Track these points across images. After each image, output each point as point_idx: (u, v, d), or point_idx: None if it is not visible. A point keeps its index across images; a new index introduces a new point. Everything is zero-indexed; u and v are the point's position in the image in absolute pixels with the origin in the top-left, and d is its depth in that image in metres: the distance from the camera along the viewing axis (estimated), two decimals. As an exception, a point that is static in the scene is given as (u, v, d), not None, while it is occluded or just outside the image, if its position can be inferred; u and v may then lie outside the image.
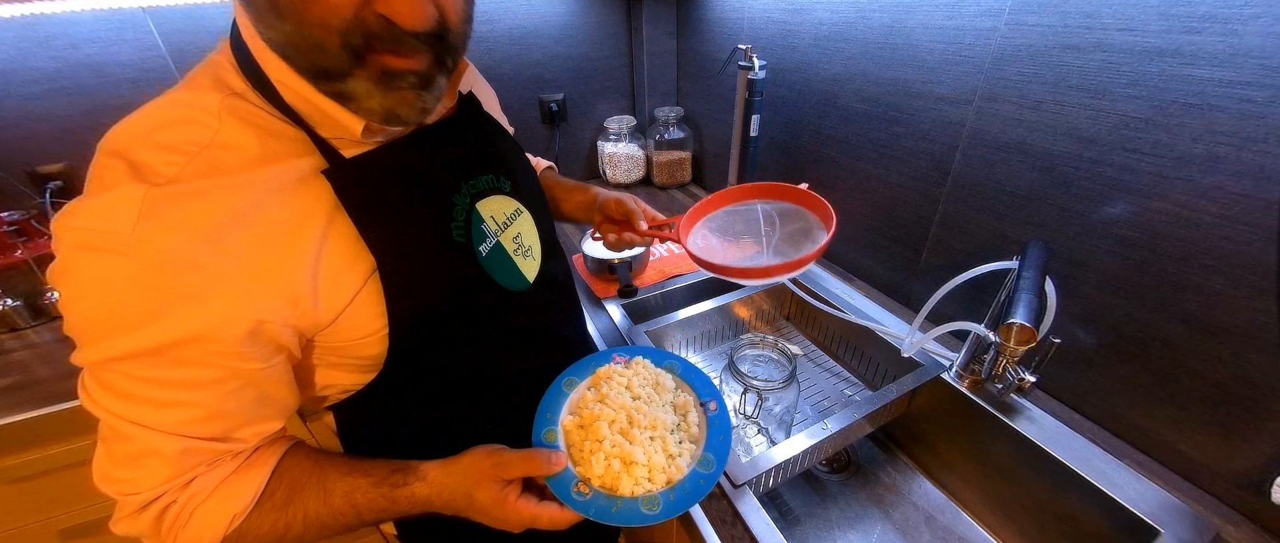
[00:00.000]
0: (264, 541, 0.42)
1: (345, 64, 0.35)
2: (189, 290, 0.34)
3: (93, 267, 0.33)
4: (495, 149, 0.54)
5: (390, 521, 0.51)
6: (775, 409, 0.71)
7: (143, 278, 0.33)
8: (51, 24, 0.93)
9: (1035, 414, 0.66)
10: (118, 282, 0.33)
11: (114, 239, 0.33)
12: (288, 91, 0.38)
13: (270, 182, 0.37)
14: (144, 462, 0.38)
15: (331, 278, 0.40)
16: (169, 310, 0.34)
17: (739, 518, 0.56)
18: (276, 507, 0.43)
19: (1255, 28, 0.45)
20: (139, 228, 0.33)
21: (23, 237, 0.96)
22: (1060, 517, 0.62)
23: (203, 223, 0.34)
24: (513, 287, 0.51)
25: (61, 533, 0.87)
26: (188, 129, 0.36)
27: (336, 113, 0.38)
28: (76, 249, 0.33)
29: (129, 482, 0.38)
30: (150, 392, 0.36)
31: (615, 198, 0.71)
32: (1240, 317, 0.51)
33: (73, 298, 0.34)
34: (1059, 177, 0.62)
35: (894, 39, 0.77)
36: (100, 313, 0.34)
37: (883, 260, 0.92)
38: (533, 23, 1.29)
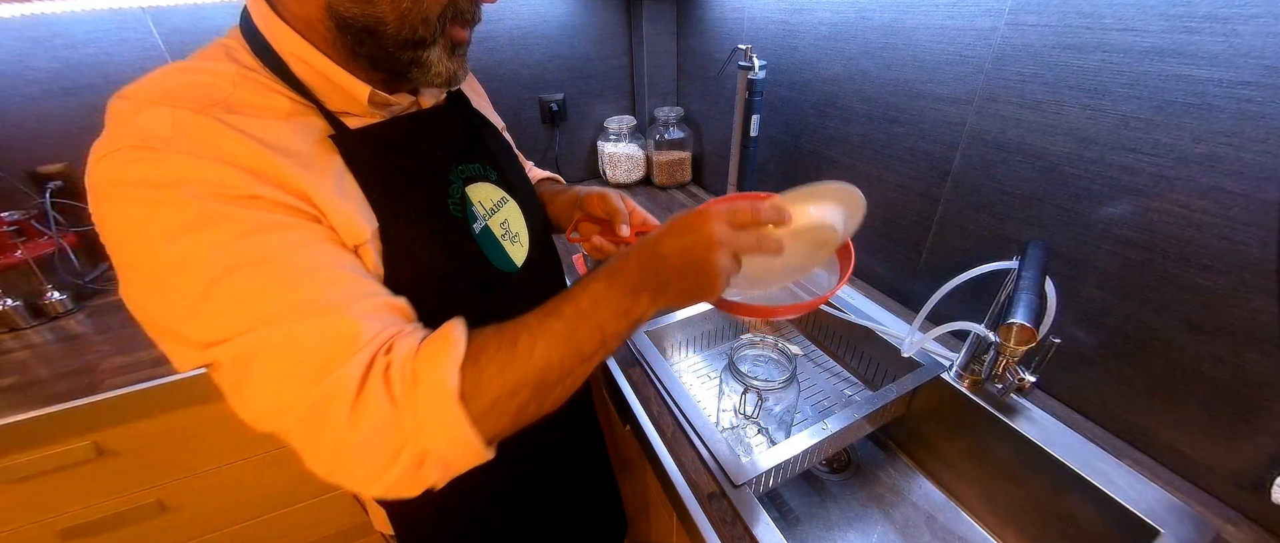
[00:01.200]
0: (507, 377, 0.36)
1: (435, 34, 0.41)
2: (244, 161, 0.36)
3: (145, 167, 0.33)
4: (481, 141, 0.56)
5: (628, 329, 0.41)
6: (775, 409, 0.71)
7: (196, 163, 0.34)
8: (51, 24, 0.93)
9: (1035, 414, 0.66)
10: (175, 172, 0.33)
11: (157, 141, 0.34)
12: (301, 65, 0.41)
13: (290, 131, 0.39)
14: (326, 341, 0.34)
15: (342, 228, 0.40)
16: (238, 174, 0.35)
17: (739, 518, 0.56)
18: (503, 343, 0.37)
19: (1255, 28, 0.45)
20: (176, 135, 0.34)
21: (22, 237, 0.96)
22: (1060, 517, 0.62)
23: (237, 138, 0.36)
24: (500, 266, 0.53)
25: (61, 533, 0.87)
26: (202, 89, 0.37)
27: (347, 83, 0.42)
28: (123, 166, 0.33)
29: (330, 361, 0.33)
30: (278, 273, 0.34)
31: (599, 193, 0.62)
32: (1240, 317, 0.51)
33: (131, 219, 0.33)
34: (1059, 177, 0.62)
35: (894, 39, 0.77)
36: (169, 213, 0.33)
37: (883, 260, 0.92)
38: (533, 23, 1.29)
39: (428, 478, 0.36)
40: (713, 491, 0.60)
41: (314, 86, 0.42)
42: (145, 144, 0.33)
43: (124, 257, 0.34)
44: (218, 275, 0.33)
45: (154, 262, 0.33)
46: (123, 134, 0.34)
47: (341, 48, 0.41)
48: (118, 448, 0.84)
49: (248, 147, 0.36)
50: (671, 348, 0.92)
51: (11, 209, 0.96)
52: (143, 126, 0.34)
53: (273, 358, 0.33)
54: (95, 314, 0.99)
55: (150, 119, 0.34)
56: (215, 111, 0.36)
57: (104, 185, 0.34)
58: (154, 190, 0.33)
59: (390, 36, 0.40)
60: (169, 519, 0.95)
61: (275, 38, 0.41)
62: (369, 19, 0.39)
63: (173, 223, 0.33)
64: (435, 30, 0.41)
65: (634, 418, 0.71)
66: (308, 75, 0.41)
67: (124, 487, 0.88)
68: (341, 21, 0.39)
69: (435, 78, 0.43)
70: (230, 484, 0.97)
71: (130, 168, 0.33)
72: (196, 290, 0.33)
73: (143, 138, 0.34)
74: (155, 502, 0.91)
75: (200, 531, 1.00)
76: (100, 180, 0.34)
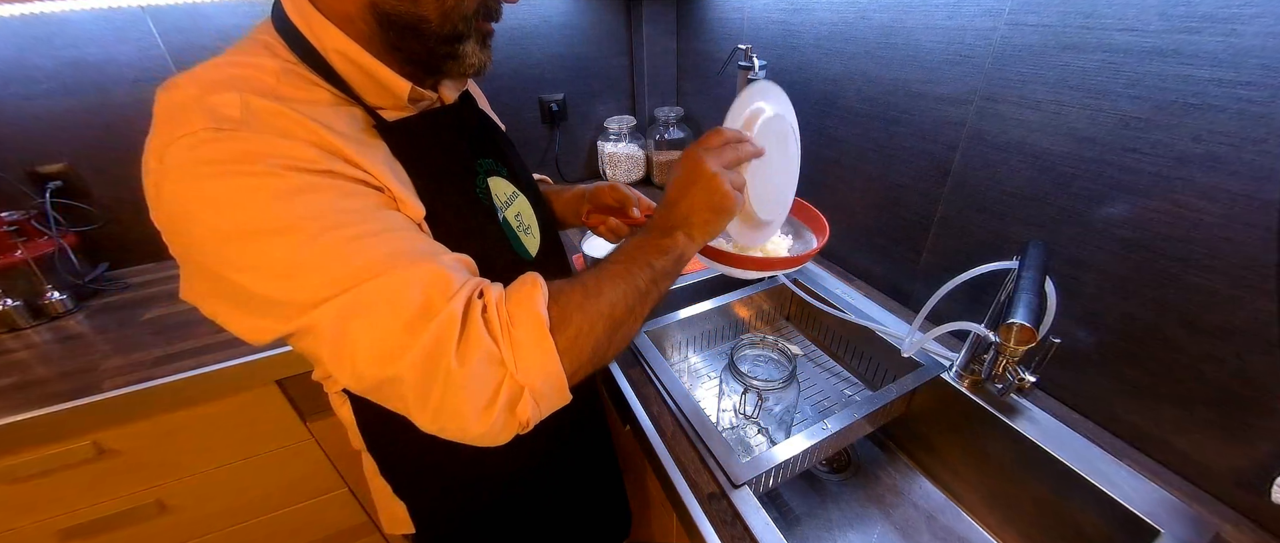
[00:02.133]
0: (586, 312, 0.41)
1: (470, 28, 0.43)
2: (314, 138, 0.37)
3: (225, 145, 0.33)
4: (492, 138, 0.59)
5: (673, 265, 0.47)
6: (775, 409, 0.71)
7: (272, 140, 0.35)
8: (51, 23, 0.93)
9: (1035, 414, 0.66)
10: (256, 147, 0.34)
11: (229, 122, 0.34)
12: (342, 61, 0.41)
13: (339, 118, 0.40)
14: (425, 287, 0.36)
15: (402, 205, 0.43)
16: (312, 150, 0.36)
17: (739, 518, 0.56)
18: (576, 286, 0.42)
19: (1255, 28, 0.45)
20: (248, 116, 0.35)
21: (23, 237, 0.96)
22: (1060, 517, 0.62)
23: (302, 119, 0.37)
24: (521, 255, 0.55)
25: (61, 533, 0.87)
26: (249, 80, 0.37)
27: (389, 78, 0.43)
28: (201, 146, 0.33)
29: (432, 305, 0.36)
30: (366, 232, 0.36)
31: (608, 184, 0.72)
32: (1240, 317, 0.51)
33: (218, 195, 0.34)
34: (1059, 177, 0.62)
35: (894, 39, 0.77)
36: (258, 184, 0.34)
37: (883, 260, 0.92)
38: (533, 23, 1.29)
39: (521, 416, 0.38)
40: (713, 491, 0.60)
41: (353, 82, 0.43)
42: (220, 125, 0.34)
43: (208, 235, 0.34)
44: (315, 236, 0.34)
45: (248, 232, 0.34)
46: (191, 118, 0.34)
47: (380, 43, 0.42)
48: (118, 448, 0.84)
49: (313, 127, 0.37)
50: (671, 348, 0.92)
51: (11, 209, 0.96)
52: (213, 109, 0.34)
53: (378, 308, 0.35)
54: (95, 314, 0.99)
55: (219, 102, 0.35)
56: (278, 98, 0.37)
57: (181, 167, 0.33)
58: (239, 165, 0.34)
59: (432, 33, 0.42)
60: (169, 519, 0.95)
61: (315, 33, 0.41)
62: (412, 16, 0.41)
63: (263, 193, 0.34)
64: (470, 24, 0.43)
65: (634, 418, 0.71)
66: (348, 71, 0.42)
67: (124, 487, 0.88)
68: (384, 18, 0.41)
69: (469, 68, 0.46)
70: (230, 484, 0.97)
71: (209, 147, 0.33)
72: (296, 255, 0.34)
73: (216, 119, 0.34)
74: (155, 502, 0.91)
75: (200, 531, 1.00)
76: (176, 163, 0.33)
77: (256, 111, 0.35)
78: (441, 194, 0.46)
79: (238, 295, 0.35)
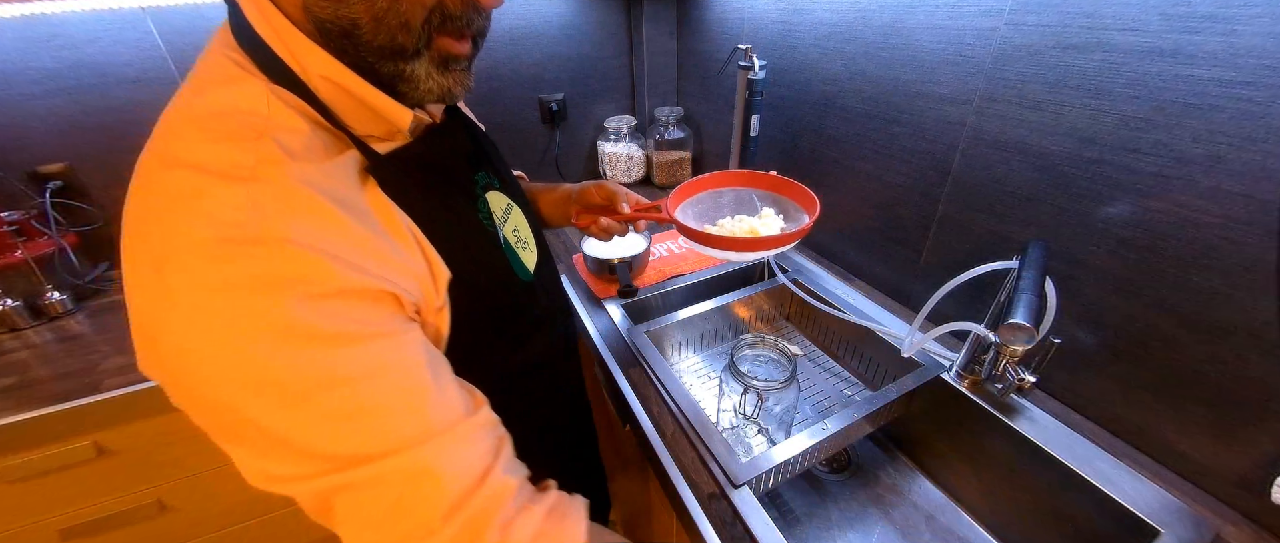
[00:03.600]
0: None
1: (419, 43, 0.36)
2: (332, 243, 0.32)
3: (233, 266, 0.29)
4: (482, 147, 0.55)
5: None
6: (775, 409, 0.71)
7: (286, 255, 0.30)
8: (51, 24, 0.93)
9: (1035, 414, 0.66)
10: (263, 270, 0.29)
11: (236, 231, 0.29)
12: (326, 84, 0.36)
13: (343, 177, 0.36)
14: (414, 496, 0.32)
15: (417, 294, 0.38)
16: (332, 264, 0.31)
17: (739, 518, 0.56)
18: None
19: (1255, 28, 0.45)
20: (256, 219, 0.30)
21: (23, 237, 0.96)
22: (1060, 517, 0.62)
23: (319, 209, 0.32)
24: (521, 276, 0.53)
25: (61, 533, 0.87)
26: (240, 124, 0.32)
27: (384, 106, 0.38)
28: (206, 266, 0.28)
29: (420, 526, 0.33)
30: (363, 399, 0.31)
31: (594, 184, 0.69)
32: (1240, 317, 0.51)
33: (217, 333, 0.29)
34: (1059, 177, 0.62)
35: (894, 39, 0.77)
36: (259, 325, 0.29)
37: (883, 260, 0.92)
38: (533, 23, 1.29)
39: None
40: (713, 491, 0.60)
41: (340, 109, 0.37)
42: (226, 236, 0.29)
43: (207, 373, 0.29)
44: (306, 397, 0.30)
45: (238, 380, 0.29)
46: (192, 224, 0.29)
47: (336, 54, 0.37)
48: (118, 448, 0.84)
49: (331, 220, 0.33)
50: (671, 348, 0.92)
51: (11, 209, 0.96)
52: (213, 213, 0.29)
53: (363, 504, 0.32)
54: (95, 314, 0.99)
55: (222, 201, 0.30)
56: (280, 167, 0.32)
57: (193, 293, 0.29)
58: (245, 296, 0.29)
59: (366, 42, 0.35)
60: (169, 519, 0.95)
61: (294, 56, 0.35)
62: (343, 21, 0.34)
63: (265, 334, 0.29)
64: (419, 39, 0.36)
65: (634, 418, 0.71)
66: (335, 95, 0.37)
67: (124, 487, 0.88)
68: (319, 24, 0.35)
69: (427, 94, 0.39)
70: (230, 484, 0.97)
71: (216, 269, 0.29)
72: (284, 417, 0.30)
73: (219, 227, 0.29)
74: (155, 502, 0.91)
75: (200, 531, 1.00)
76: (184, 286, 0.29)
77: (268, 212, 0.30)
78: (449, 236, 0.42)
79: (226, 431, 0.32)
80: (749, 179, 0.75)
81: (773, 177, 0.74)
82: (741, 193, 0.75)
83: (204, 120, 0.32)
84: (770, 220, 0.71)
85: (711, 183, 0.75)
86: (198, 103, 0.34)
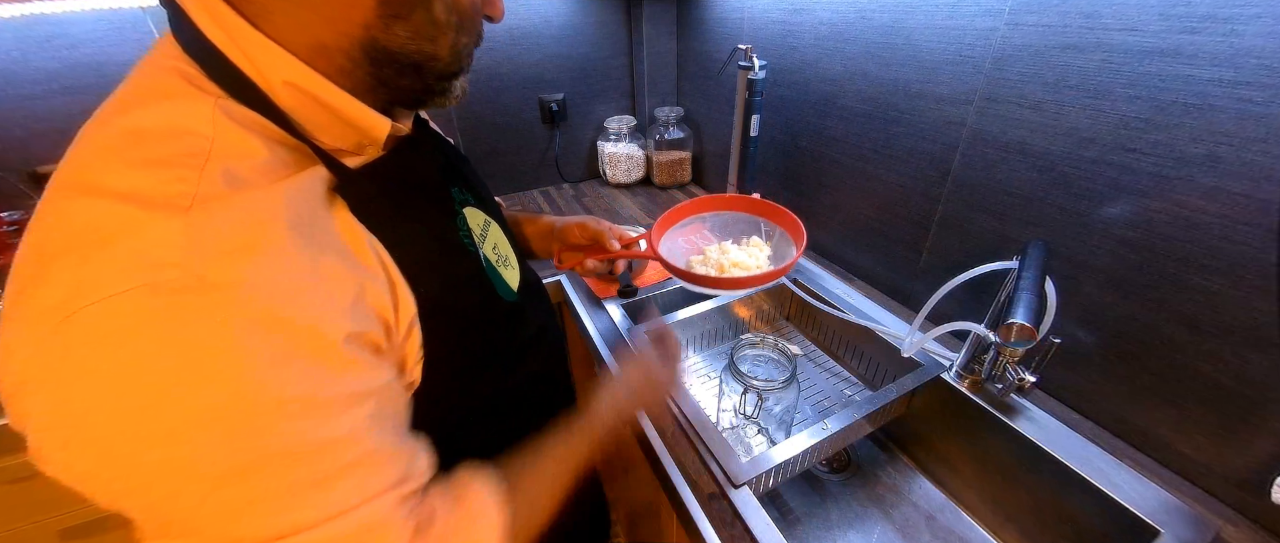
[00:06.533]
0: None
1: (469, 63, 0.39)
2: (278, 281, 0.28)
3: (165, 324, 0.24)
4: (450, 160, 0.52)
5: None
6: (775, 409, 0.71)
7: (230, 314, 0.25)
8: (51, 24, 0.93)
9: (1035, 414, 0.66)
10: (207, 324, 0.25)
11: (173, 276, 0.24)
12: (293, 94, 0.32)
13: (305, 198, 0.31)
14: None
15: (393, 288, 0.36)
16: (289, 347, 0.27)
17: (739, 518, 0.56)
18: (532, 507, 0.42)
19: (1255, 28, 0.45)
20: (191, 260, 0.25)
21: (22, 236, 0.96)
22: (1060, 517, 0.62)
23: (264, 242, 0.28)
24: (505, 298, 0.49)
25: (61, 533, 0.87)
26: (177, 141, 0.28)
27: (359, 114, 0.35)
28: (128, 320, 0.23)
29: None
30: (314, 465, 0.28)
31: (577, 223, 0.67)
32: (1240, 317, 0.51)
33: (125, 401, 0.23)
34: (1059, 177, 0.62)
35: (894, 39, 0.77)
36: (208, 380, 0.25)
37: (883, 260, 0.92)
38: (533, 23, 1.29)
39: None
40: (713, 491, 0.60)
41: (306, 119, 0.33)
42: (159, 282, 0.24)
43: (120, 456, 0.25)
44: (247, 475, 0.27)
45: (170, 467, 0.25)
46: (115, 267, 0.24)
47: (358, 78, 0.34)
48: (118, 448, 0.84)
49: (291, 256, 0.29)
50: (671, 348, 0.92)
51: (11, 209, 0.96)
52: (144, 252, 0.24)
53: None
54: (95, 314, 0.99)
55: (155, 238, 0.25)
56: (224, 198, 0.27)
57: (93, 355, 0.23)
58: (184, 359, 0.24)
59: (439, 72, 0.37)
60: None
61: (252, 60, 0.31)
62: (422, 56, 0.35)
63: (211, 409, 0.25)
64: (470, 59, 0.39)
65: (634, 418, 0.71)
66: (301, 106, 0.33)
67: (124, 487, 0.88)
68: (382, 55, 0.33)
69: (454, 102, 0.41)
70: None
71: (146, 325, 0.24)
72: (216, 501, 0.26)
73: (151, 270, 0.24)
74: (155, 502, 0.91)
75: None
76: (92, 335, 0.23)
77: (205, 250, 0.25)
78: (426, 261, 0.39)
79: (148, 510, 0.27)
80: (733, 203, 0.76)
81: (757, 201, 0.75)
82: (728, 216, 0.76)
83: (132, 142, 0.27)
84: (756, 251, 0.72)
85: (695, 208, 0.75)
86: (124, 121, 0.28)
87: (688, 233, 0.75)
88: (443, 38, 0.35)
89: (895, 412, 0.74)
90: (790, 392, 0.68)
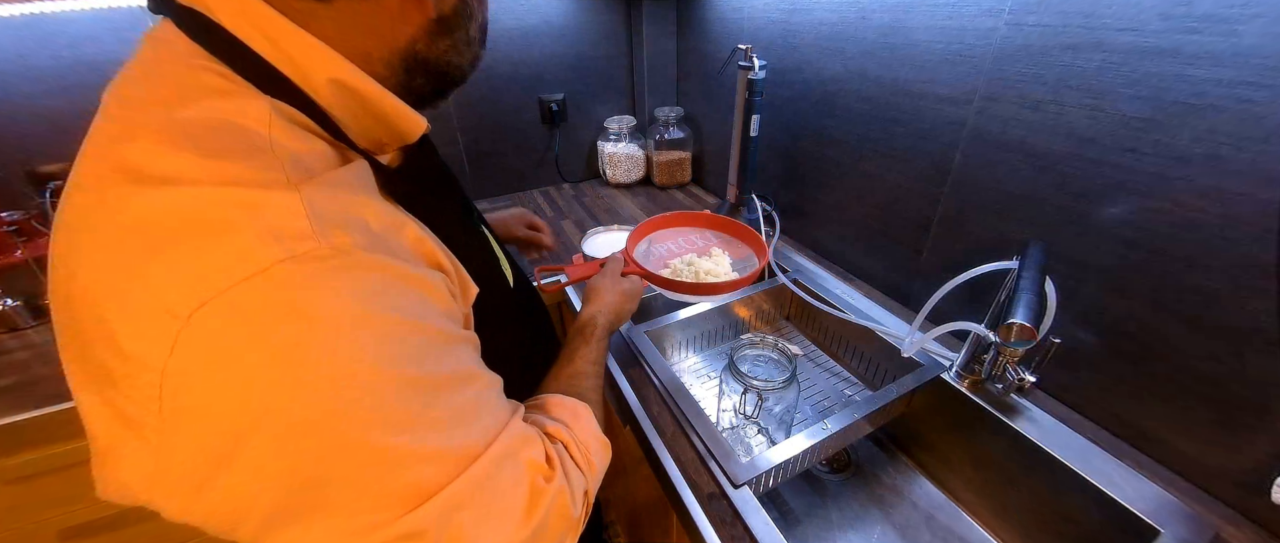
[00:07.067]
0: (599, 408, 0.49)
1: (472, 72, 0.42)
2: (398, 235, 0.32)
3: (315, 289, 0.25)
4: None
5: None
6: (775, 409, 0.71)
7: (369, 272, 0.27)
8: (51, 23, 0.93)
9: (1035, 414, 0.66)
10: (355, 283, 0.26)
11: (309, 245, 0.25)
12: (332, 90, 0.32)
13: (364, 175, 0.34)
14: (520, 453, 0.35)
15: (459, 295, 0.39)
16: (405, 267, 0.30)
17: (739, 518, 0.56)
18: (588, 391, 0.49)
19: (1255, 28, 0.45)
20: (320, 229, 0.26)
21: (22, 237, 0.96)
22: (1060, 517, 0.62)
23: (367, 209, 0.30)
24: (510, 289, 0.53)
25: (61, 533, 0.87)
26: (241, 136, 0.28)
27: (400, 112, 0.36)
28: (277, 292, 0.24)
29: (540, 471, 0.36)
30: (456, 400, 0.31)
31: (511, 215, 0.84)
32: (1240, 317, 0.51)
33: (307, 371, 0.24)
34: (1059, 177, 0.62)
35: (894, 39, 0.77)
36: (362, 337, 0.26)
37: (883, 260, 0.92)
38: (532, 23, 1.29)
39: None
40: (713, 491, 0.60)
41: (343, 116, 0.33)
42: (298, 252, 0.24)
43: (288, 427, 0.24)
44: (415, 418, 0.28)
45: (344, 413, 0.25)
46: (238, 248, 0.24)
47: (390, 84, 0.35)
48: (118, 448, 0.84)
49: (393, 220, 0.32)
50: (671, 348, 0.92)
51: (11, 209, 0.96)
52: (272, 226, 0.25)
53: (487, 500, 0.31)
54: (95, 314, 0.99)
55: (279, 210, 0.25)
56: (311, 179, 0.28)
57: (249, 323, 0.23)
58: (331, 316, 0.25)
59: (456, 79, 0.41)
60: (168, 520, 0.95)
61: (291, 58, 0.30)
62: (452, 67, 0.38)
63: (380, 358, 0.26)
64: None
65: (634, 418, 0.71)
66: (343, 107, 0.33)
67: (124, 487, 0.88)
68: (420, 64, 0.36)
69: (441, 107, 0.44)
70: (230, 484, 0.97)
71: (289, 294, 0.24)
72: (403, 442, 0.27)
73: (286, 242, 0.24)
74: (155, 502, 0.91)
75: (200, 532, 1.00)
76: (236, 319, 0.23)
77: (329, 217, 0.26)
78: (468, 249, 0.41)
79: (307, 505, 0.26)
80: (694, 220, 0.91)
81: (709, 216, 0.91)
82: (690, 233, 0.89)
83: (200, 135, 0.27)
84: (722, 257, 0.83)
85: (658, 224, 0.90)
86: (178, 115, 0.27)
87: (658, 245, 0.88)
88: (470, 52, 0.39)
89: (895, 412, 0.74)
90: (790, 392, 0.68)
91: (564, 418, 0.44)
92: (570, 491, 0.38)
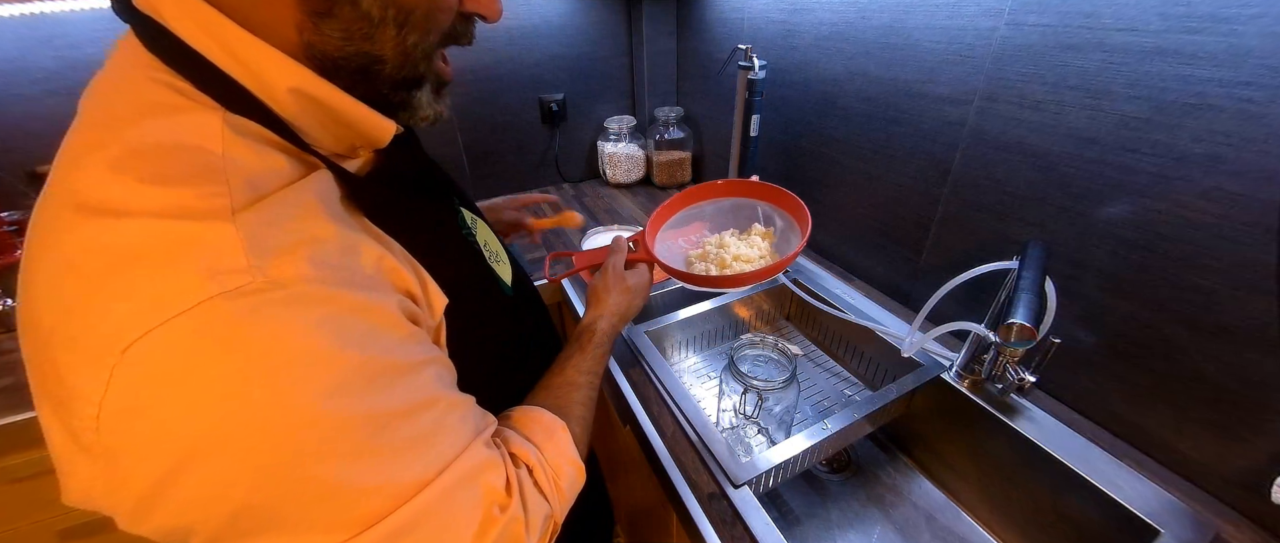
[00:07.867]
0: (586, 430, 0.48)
1: (429, 71, 0.37)
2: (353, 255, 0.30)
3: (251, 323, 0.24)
4: (433, 163, 0.52)
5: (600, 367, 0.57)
6: (775, 409, 0.71)
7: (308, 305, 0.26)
8: (51, 23, 0.93)
9: (1035, 414, 0.66)
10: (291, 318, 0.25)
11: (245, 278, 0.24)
12: (293, 99, 0.31)
13: (323, 189, 0.32)
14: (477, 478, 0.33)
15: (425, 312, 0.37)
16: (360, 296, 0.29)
17: (739, 518, 0.56)
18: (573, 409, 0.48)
19: (1255, 28, 0.45)
20: (255, 262, 0.25)
21: (22, 236, 0.96)
22: (1060, 517, 0.62)
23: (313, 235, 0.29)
24: (504, 292, 0.50)
25: (60, 534, 0.87)
26: (190, 157, 0.27)
27: (365, 118, 0.34)
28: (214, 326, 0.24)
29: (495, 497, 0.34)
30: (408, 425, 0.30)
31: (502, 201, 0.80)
32: (1240, 317, 0.51)
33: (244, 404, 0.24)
34: (1059, 177, 0.62)
35: (894, 39, 0.77)
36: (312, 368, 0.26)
37: (883, 260, 0.92)
38: (533, 23, 1.29)
39: None
40: (713, 491, 0.60)
41: (306, 126, 0.32)
42: (232, 288, 0.24)
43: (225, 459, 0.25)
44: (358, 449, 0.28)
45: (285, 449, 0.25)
46: (174, 284, 0.24)
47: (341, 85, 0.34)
48: (118, 448, 0.84)
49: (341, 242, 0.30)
50: (671, 348, 0.92)
51: (11, 209, 0.96)
52: (205, 263, 0.24)
53: (434, 526, 0.31)
54: (95, 314, 0.99)
55: (212, 246, 0.25)
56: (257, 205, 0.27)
57: (178, 374, 0.23)
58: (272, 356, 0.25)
59: (387, 77, 0.34)
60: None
61: (249, 66, 0.30)
62: (364, 57, 0.32)
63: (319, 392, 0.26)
64: (431, 66, 0.36)
65: (634, 418, 0.71)
66: (304, 113, 0.32)
67: (124, 487, 0.88)
68: (328, 63, 0.32)
69: (422, 120, 0.39)
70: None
71: (223, 330, 0.24)
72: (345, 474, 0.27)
73: (219, 278, 0.24)
74: (155, 502, 0.91)
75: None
76: (166, 369, 0.23)
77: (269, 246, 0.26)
78: (444, 256, 0.39)
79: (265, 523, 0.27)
80: (729, 189, 0.73)
81: (755, 184, 0.71)
82: (725, 205, 0.73)
83: (144, 159, 0.26)
84: (759, 241, 0.68)
85: (686, 200, 0.72)
86: (127, 138, 0.27)
87: (687, 232, 0.73)
88: (381, 35, 0.31)
89: (895, 412, 0.74)
90: (790, 392, 0.68)
91: (537, 438, 0.42)
92: (526, 520, 0.36)
